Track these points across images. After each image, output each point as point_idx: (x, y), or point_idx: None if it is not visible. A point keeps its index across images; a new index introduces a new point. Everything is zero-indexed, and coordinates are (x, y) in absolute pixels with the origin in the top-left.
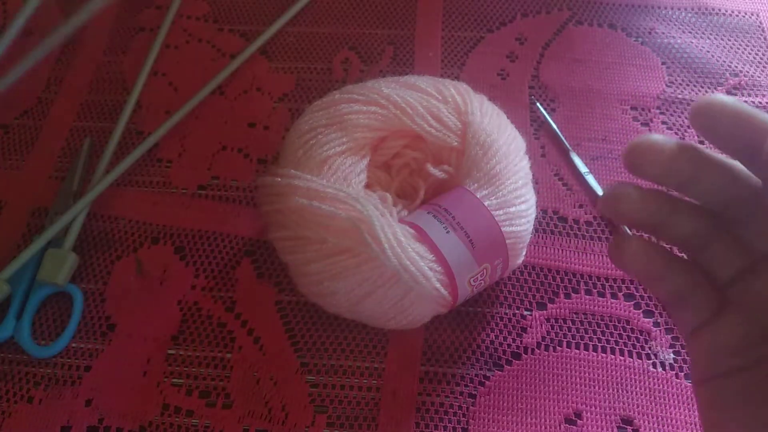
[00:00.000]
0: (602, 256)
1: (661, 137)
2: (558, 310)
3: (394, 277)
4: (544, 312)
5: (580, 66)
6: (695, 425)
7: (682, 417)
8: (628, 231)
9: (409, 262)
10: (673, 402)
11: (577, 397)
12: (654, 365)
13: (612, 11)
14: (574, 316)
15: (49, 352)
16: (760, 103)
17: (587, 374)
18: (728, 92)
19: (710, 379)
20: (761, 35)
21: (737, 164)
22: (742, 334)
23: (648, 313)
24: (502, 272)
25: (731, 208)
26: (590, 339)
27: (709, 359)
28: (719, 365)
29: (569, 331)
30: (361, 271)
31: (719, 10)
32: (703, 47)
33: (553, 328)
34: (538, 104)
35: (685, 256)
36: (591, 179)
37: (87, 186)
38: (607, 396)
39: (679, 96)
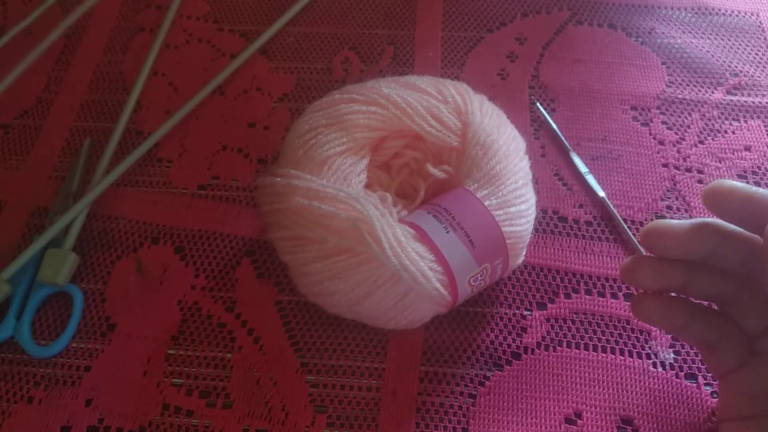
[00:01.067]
0: (602, 256)
1: (673, 222)
2: (558, 310)
3: (394, 277)
4: (544, 312)
5: (580, 66)
6: (695, 425)
7: (682, 417)
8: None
9: (409, 262)
10: (673, 402)
11: (577, 397)
12: (654, 365)
13: (612, 11)
14: (574, 316)
15: (49, 352)
16: (760, 103)
17: (587, 374)
18: (728, 92)
19: (735, 420)
20: (761, 35)
21: (755, 235)
22: (766, 385)
23: None
24: (502, 272)
25: (756, 272)
26: (590, 339)
27: (735, 402)
28: (744, 409)
29: (569, 331)
30: (361, 271)
31: (719, 10)
32: (703, 47)
33: (553, 328)
34: (538, 104)
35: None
36: (591, 179)
37: (87, 186)
38: (607, 396)
39: (679, 96)
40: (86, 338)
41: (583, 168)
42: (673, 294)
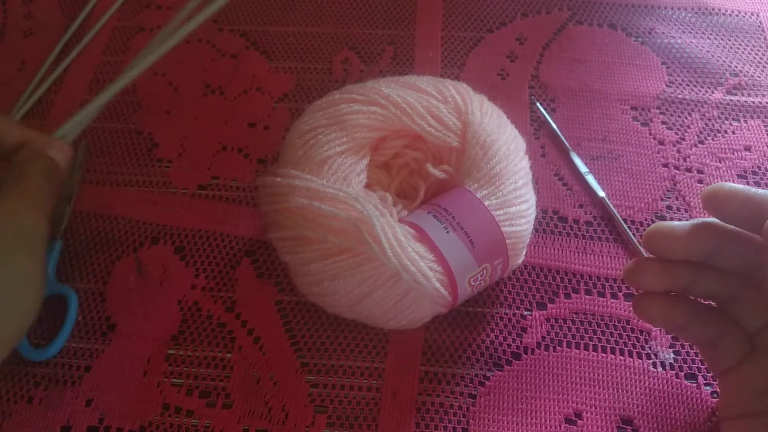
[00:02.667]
0: (602, 256)
1: (674, 224)
2: (558, 310)
3: (394, 277)
4: (544, 312)
5: (580, 66)
6: (695, 425)
7: (682, 417)
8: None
9: (409, 262)
10: (673, 402)
11: (577, 397)
12: (654, 365)
13: (612, 11)
14: (574, 316)
15: (44, 356)
16: (760, 103)
17: (587, 374)
18: (728, 92)
19: (736, 418)
20: (761, 35)
21: (754, 235)
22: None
23: None
24: (502, 272)
25: (756, 270)
26: (590, 339)
27: (736, 400)
28: (745, 406)
29: (569, 331)
30: (361, 271)
31: (719, 10)
32: (703, 47)
33: (553, 328)
34: (538, 104)
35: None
36: (591, 179)
37: (83, 188)
38: (607, 396)
39: (679, 96)
40: (86, 338)
41: (583, 168)
42: (673, 293)
